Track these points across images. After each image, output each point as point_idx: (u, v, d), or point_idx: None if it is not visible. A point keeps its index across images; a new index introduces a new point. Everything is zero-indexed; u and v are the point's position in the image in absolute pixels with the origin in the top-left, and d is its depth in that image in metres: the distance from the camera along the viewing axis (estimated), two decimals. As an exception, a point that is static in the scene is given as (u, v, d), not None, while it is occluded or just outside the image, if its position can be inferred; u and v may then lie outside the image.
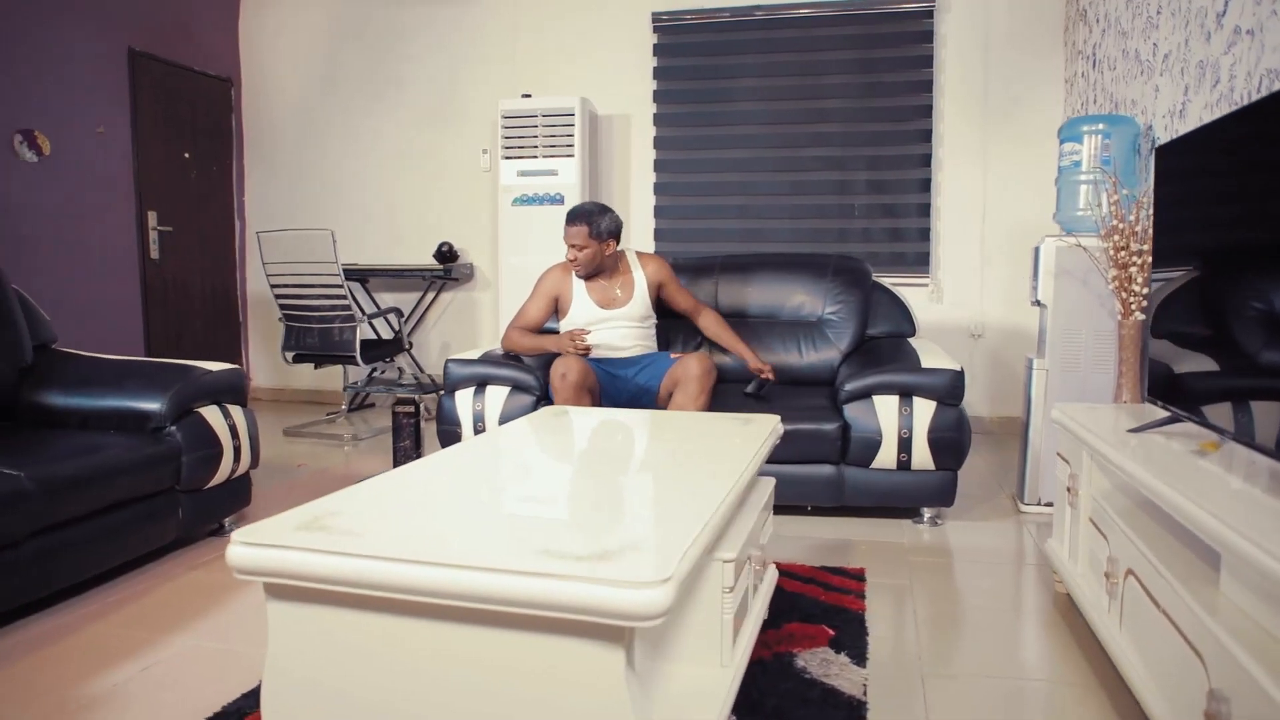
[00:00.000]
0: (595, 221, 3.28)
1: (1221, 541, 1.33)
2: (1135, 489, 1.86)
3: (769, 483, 2.27)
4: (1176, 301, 2.10)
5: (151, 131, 5.13)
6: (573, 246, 3.32)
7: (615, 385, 3.33)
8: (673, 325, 3.79)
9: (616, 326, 3.42)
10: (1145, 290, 2.86)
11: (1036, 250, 3.22)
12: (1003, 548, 2.89)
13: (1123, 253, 2.93)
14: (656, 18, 5.17)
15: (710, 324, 3.59)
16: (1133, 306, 2.90)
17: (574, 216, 3.31)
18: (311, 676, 1.30)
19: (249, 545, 1.27)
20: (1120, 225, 2.95)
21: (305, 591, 1.27)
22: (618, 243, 3.39)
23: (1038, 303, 3.22)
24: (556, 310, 3.52)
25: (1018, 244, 4.69)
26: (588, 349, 3.32)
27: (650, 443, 2.21)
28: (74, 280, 4.62)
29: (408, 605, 1.22)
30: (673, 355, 3.35)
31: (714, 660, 1.71)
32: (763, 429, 2.19)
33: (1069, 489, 2.27)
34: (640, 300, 3.45)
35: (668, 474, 1.87)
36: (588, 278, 3.42)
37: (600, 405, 3.27)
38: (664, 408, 3.21)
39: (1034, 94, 4.72)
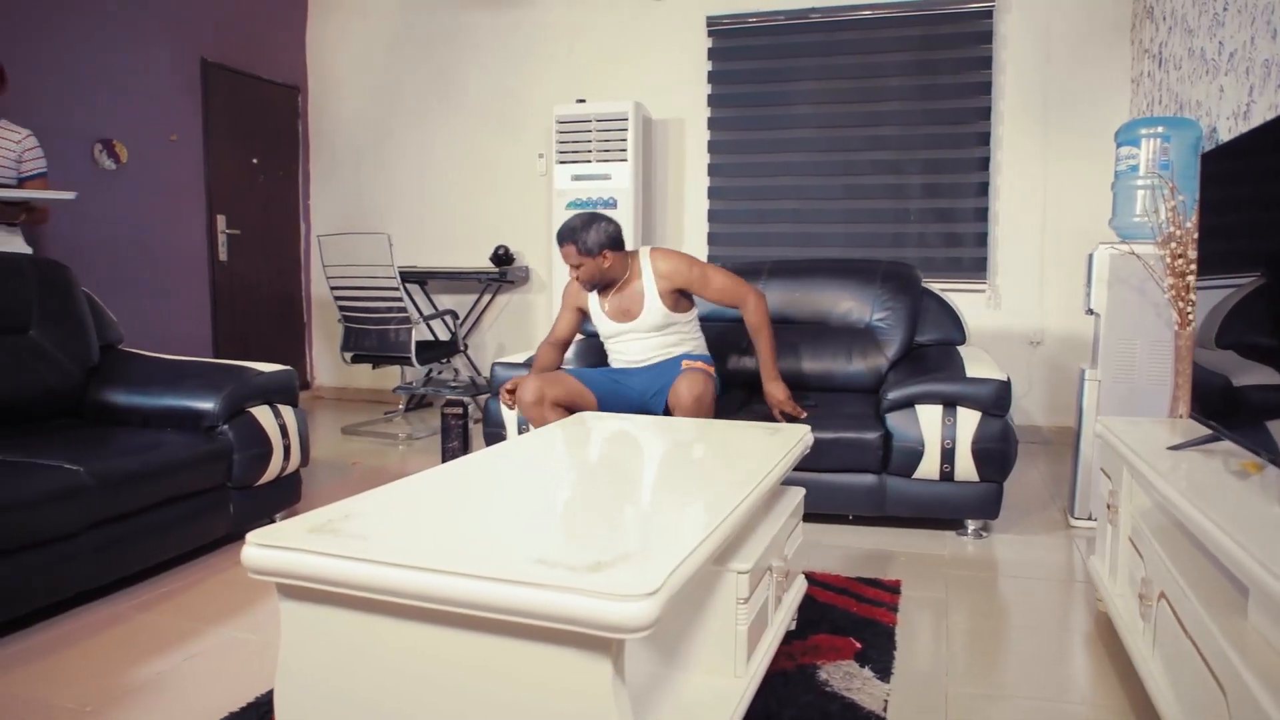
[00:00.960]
0: (581, 237, 3.10)
1: (1244, 571, 1.28)
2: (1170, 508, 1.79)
3: (798, 492, 2.26)
4: (1221, 313, 2.02)
5: (222, 138, 5.33)
6: (571, 266, 3.18)
7: (618, 395, 3.19)
8: (729, 330, 3.77)
9: (634, 340, 3.26)
10: (1194, 299, 2.76)
11: (1090, 258, 3.12)
12: (1048, 563, 2.81)
13: (1180, 261, 2.83)
14: (711, 21, 5.16)
15: (750, 318, 3.20)
16: (1190, 316, 2.80)
17: (561, 236, 3.14)
18: (320, 674, 1.34)
19: (262, 546, 1.32)
20: (1178, 232, 2.85)
21: (314, 593, 1.31)
22: (616, 250, 3.17)
23: (1091, 311, 3.13)
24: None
25: (1079, 249, 4.55)
26: (510, 403, 3.14)
27: (673, 451, 2.22)
28: (147, 282, 4.83)
29: (409, 609, 1.25)
30: (684, 365, 3.14)
31: (728, 670, 1.71)
32: (790, 439, 2.17)
33: (1109, 505, 2.20)
34: (654, 310, 3.21)
35: (683, 483, 1.87)
36: (598, 291, 3.28)
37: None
38: None
39: (1098, 94, 4.58)
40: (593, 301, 3.32)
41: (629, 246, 4.94)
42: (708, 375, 3.04)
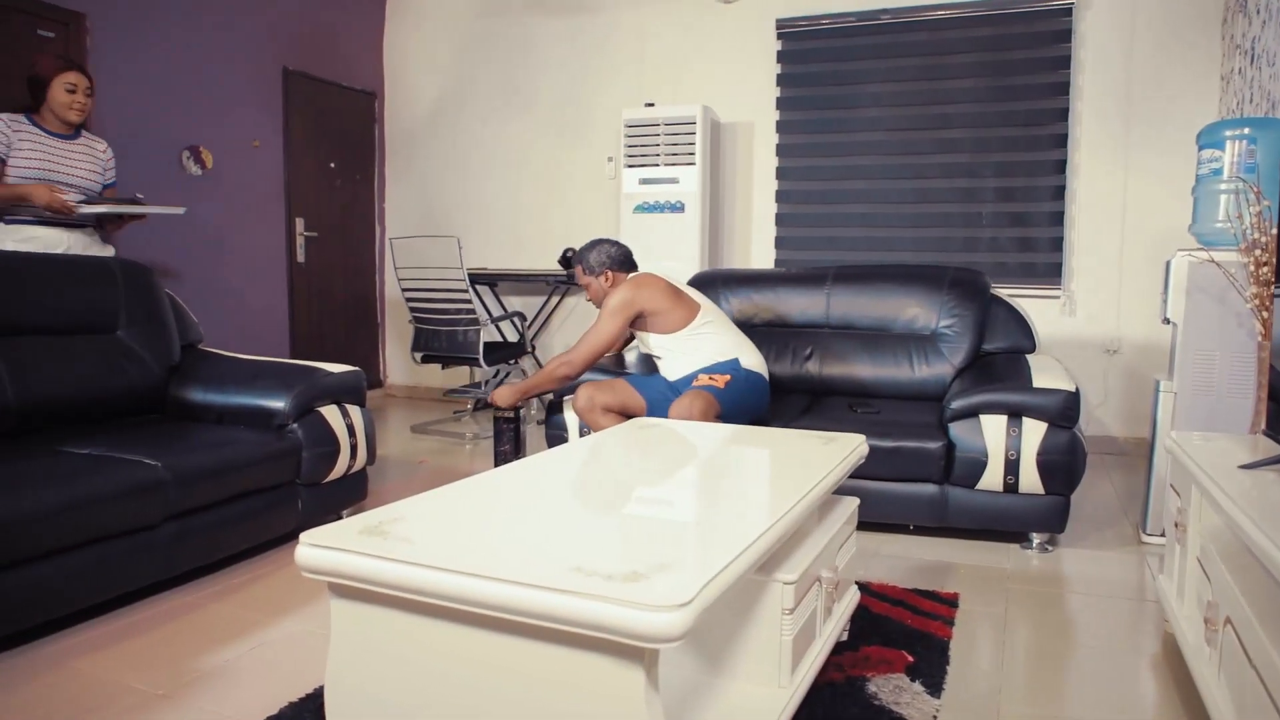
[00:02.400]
0: (584, 258, 3.38)
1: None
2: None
3: (851, 502, 2.23)
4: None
5: (301, 143, 5.52)
6: (584, 287, 3.43)
7: (665, 403, 3.20)
8: (789, 335, 3.75)
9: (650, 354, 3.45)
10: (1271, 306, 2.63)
11: (1167, 265, 3.01)
12: (1115, 580, 2.72)
13: (1264, 269, 2.71)
14: (781, 24, 5.13)
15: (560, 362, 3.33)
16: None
17: (571, 262, 3.38)
18: (366, 671, 1.39)
19: (315, 546, 1.37)
20: (1262, 239, 2.72)
21: (362, 592, 1.36)
22: (621, 271, 3.38)
23: (1167, 320, 3.02)
24: None
25: (1160, 254, 4.37)
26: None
27: (724, 460, 2.22)
28: (228, 282, 5.03)
29: (450, 611, 1.28)
30: (695, 381, 3.16)
31: (772, 680, 1.71)
32: (843, 449, 2.15)
33: (1177, 524, 2.12)
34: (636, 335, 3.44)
35: (730, 492, 1.88)
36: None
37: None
38: None
39: (1185, 93, 4.40)
40: None
41: (697, 251, 4.99)
42: (705, 398, 3.00)
